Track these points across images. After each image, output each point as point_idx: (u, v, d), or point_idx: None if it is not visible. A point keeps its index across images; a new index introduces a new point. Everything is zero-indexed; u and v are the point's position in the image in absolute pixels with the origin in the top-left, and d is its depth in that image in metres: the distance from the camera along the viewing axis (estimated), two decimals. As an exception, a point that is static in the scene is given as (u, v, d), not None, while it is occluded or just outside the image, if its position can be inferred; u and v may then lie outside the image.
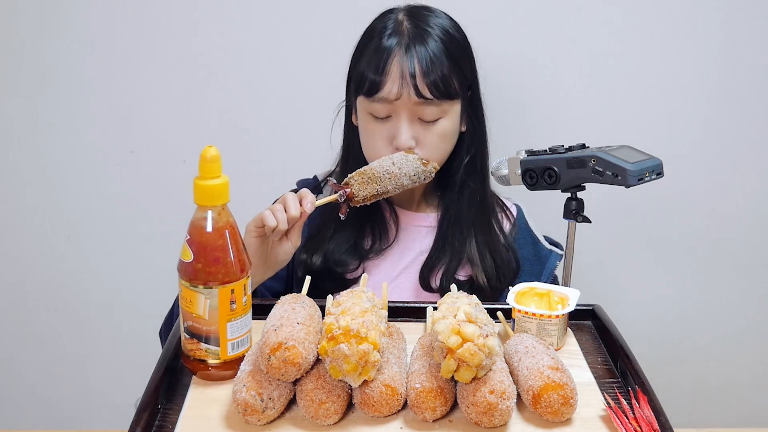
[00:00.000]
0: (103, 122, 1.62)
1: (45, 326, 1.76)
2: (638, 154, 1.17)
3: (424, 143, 1.22)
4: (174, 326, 1.01)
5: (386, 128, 1.22)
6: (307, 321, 0.88)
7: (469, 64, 1.25)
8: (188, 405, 0.89)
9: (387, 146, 1.22)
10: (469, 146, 1.29)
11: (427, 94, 1.18)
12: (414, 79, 1.17)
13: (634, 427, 0.84)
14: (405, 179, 1.19)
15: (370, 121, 1.23)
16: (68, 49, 1.56)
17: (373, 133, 1.23)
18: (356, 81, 1.23)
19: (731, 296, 1.76)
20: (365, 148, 1.27)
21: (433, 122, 1.21)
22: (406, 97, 1.18)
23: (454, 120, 1.24)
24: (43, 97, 1.60)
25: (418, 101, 1.18)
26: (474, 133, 1.29)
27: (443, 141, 1.24)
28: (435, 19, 1.23)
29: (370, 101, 1.21)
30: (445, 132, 1.23)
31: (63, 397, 1.82)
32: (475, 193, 1.30)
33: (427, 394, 0.84)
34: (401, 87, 1.18)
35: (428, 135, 1.22)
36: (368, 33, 1.25)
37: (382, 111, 1.21)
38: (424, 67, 1.18)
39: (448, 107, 1.21)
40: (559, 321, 1.01)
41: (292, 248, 1.16)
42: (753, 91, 1.62)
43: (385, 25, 1.23)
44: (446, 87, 1.19)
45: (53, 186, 1.66)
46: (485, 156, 1.32)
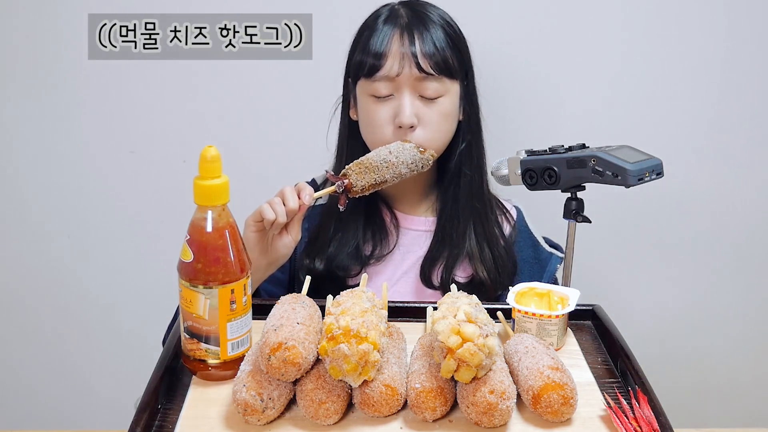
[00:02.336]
0: (103, 122, 1.62)
1: (45, 326, 1.76)
2: (638, 154, 1.16)
3: (425, 121, 1.22)
4: (174, 326, 1.01)
5: (388, 107, 1.22)
6: (307, 321, 0.88)
7: (466, 51, 1.27)
8: (188, 405, 0.89)
9: (389, 125, 1.23)
10: (465, 134, 1.30)
11: (428, 69, 1.19)
12: (415, 56, 1.19)
13: (634, 427, 0.84)
14: (403, 168, 1.19)
15: (372, 103, 1.23)
16: (68, 48, 1.56)
17: (375, 113, 1.23)
18: (355, 67, 1.25)
19: (731, 296, 1.76)
20: (367, 132, 1.27)
21: (435, 100, 1.22)
22: (407, 72, 1.19)
23: (454, 101, 1.25)
24: (44, 97, 1.59)
25: (420, 76, 1.19)
26: (470, 121, 1.30)
27: (444, 120, 1.24)
28: (432, 8, 1.26)
29: (371, 82, 1.22)
30: (446, 111, 1.24)
31: (63, 397, 1.82)
32: (472, 182, 1.30)
33: (427, 394, 0.84)
34: (402, 63, 1.19)
35: (430, 113, 1.22)
36: (364, 25, 1.27)
37: (384, 89, 1.21)
38: (423, 44, 1.20)
39: (449, 85, 1.23)
40: (559, 321, 1.01)
41: (293, 242, 1.16)
42: (753, 90, 1.61)
43: (380, 13, 1.25)
44: (446, 64, 1.21)
45: (53, 186, 1.66)
46: (481, 145, 1.32)
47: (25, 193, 1.66)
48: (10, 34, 1.56)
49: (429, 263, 1.30)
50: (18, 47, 1.57)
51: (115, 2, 1.53)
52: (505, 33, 1.57)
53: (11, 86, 1.59)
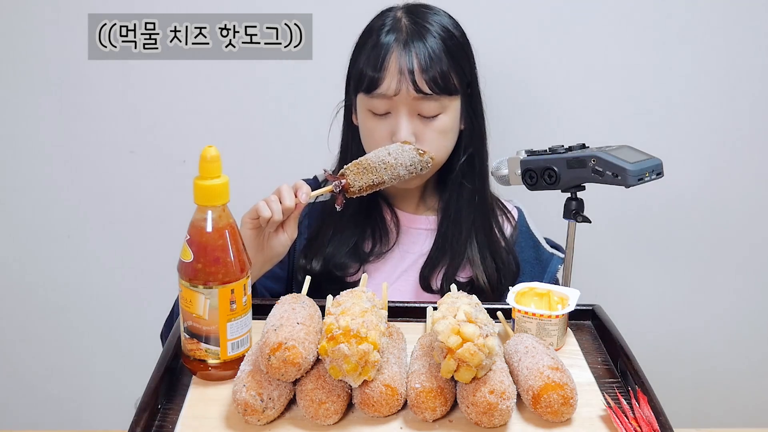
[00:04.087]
0: (103, 122, 1.62)
1: (45, 326, 1.76)
2: (638, 154, 1.16)
3: (423, 139, 1.22)
4: (174, 326, 1.01)
5: (386, 125, 1.22)
6: (307, 321, 0.88)
7: (468, 62, 1.25)
8: (188, 405, 0.89)
9: (386, 142, 1.22)
10: (467, 145, 1.29)
11: (425, 89, 1.18)
12: (412, 74, 1.17)
13: (634, 427, 0.84)
14: (401, 169, 1.18)
15: (370, 118, 1.23)
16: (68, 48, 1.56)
17: (373, 130, 1.23)
18: (355, 79, 1.24)
19: (731, 296, 1.76)
20: (366, 145, 1.27)
21: (433, 118, 1.21)
22: (404, 92, 1.18)
23: (454, 116, 1.24)
24: (44, 97, 1.59)
25: (417, 96, 1.18)
26: (472, 131, 1.29)
27: (443, 137, 1.24)
28: (434, 17, 1.24)
29: (369, 98, 1.21)
30: (444, 128, 1.23)
31: (63, 397, 1.82)
32: (474, 193, 1.30)
33: (427, 394, 0.84)
34: (399, 82, 1.18)
35: (428, 131, 1.22)
36: (367, 31, 1.25)
37: (382, 107, 1.21)
38: (422, 63, 1.18)
39: (447, 103, 1.22)
40: (559, 321, 1.01)
41: (288, 240, 1.15)
42: (753, 90, 1.61)
43: (383, 23, 1.23)
44: (445, 83, 1.19)
45: (53, 185, 1.66)
46: (484, 155, 1.31)
47: (25, 193, 1.66)
48: (10, 34, 1.56)
49: (429, 269, 1.30)
50: (18, 47, 1.57)
51: (115, 2, 1.53)
52: (505, 33, 1.57)
53: (11, 86, 1.59)
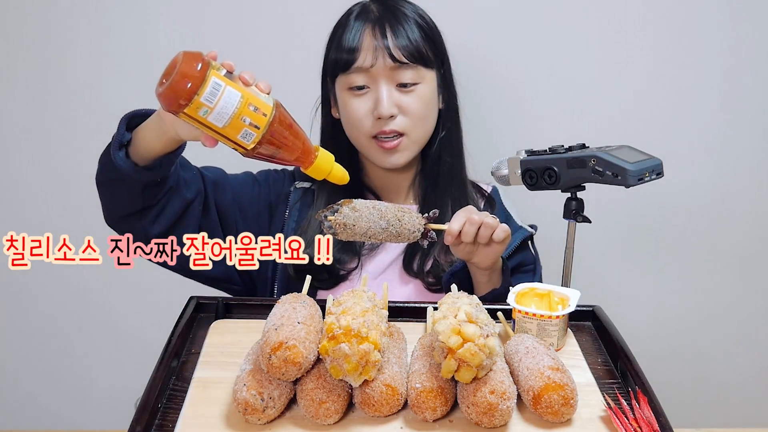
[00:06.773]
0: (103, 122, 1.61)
1: (45, 326, 1.76)
2: (638, 154, 1.17)
3: (406, 109, 1.24)
4: None
5: (367, 99, 1.25)
6: (308, 320, 0.88)
7: (440, 42, 1.29)
8: (188, 405, 0.88)
9: (368, 118, 1.24)
10: (445, 121, 1.32)
11: (401, 58, 1.21)
12: (388, 48, 1.21)
13: (634, 427, 0.84)
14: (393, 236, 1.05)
15: (350, 97, 1.25)
16: (68, 48, 1.56)
17: (355, 108, 1.25)
18: (332, 64, 1.26)
19: (731, 296, 1.76)
20: (349, 126, 1.29)
21: (413, 87, 1.24)
22: (381, 63, 1.21)
23: (432, 88, 1.27)
24: (44, 97, 1.60)
25: (394, 65, 1.21)
26: (448, 108, 1.32)
27: (425, 106, 1.26)
28: (404, 3, 1.28)
29: (347, 75, 1.24)
30: (425, 97, 1.25)
31: (63, 397, 1.82)
32: (452, 168, 1.33)
33: (428, 394, 0.84)
34: (375, 55, 1.21)
35: (409, 100, 1.24)
36: (337, 24, 1.29)
37: (360, 80, 1.24)
38: (395, 35, 1.22)
39: (424, 73, 1.25)
40: (560, 321, 1.01)
41: None
42: (753, 91, 1.62)
43: (351, 11, 1.28)
44: (419, 53, 1.23)
45: (53, 185, 1.66)
46: (459, 132, 1.35)
47: (25, 193, 1.66)
48: (10, 34, 1.56)
49: (410, 250, 1.31)
50: (18, 47, 1.57)
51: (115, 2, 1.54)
52: (505, 33, 1.57)
53: (11, 86, 1.59)
